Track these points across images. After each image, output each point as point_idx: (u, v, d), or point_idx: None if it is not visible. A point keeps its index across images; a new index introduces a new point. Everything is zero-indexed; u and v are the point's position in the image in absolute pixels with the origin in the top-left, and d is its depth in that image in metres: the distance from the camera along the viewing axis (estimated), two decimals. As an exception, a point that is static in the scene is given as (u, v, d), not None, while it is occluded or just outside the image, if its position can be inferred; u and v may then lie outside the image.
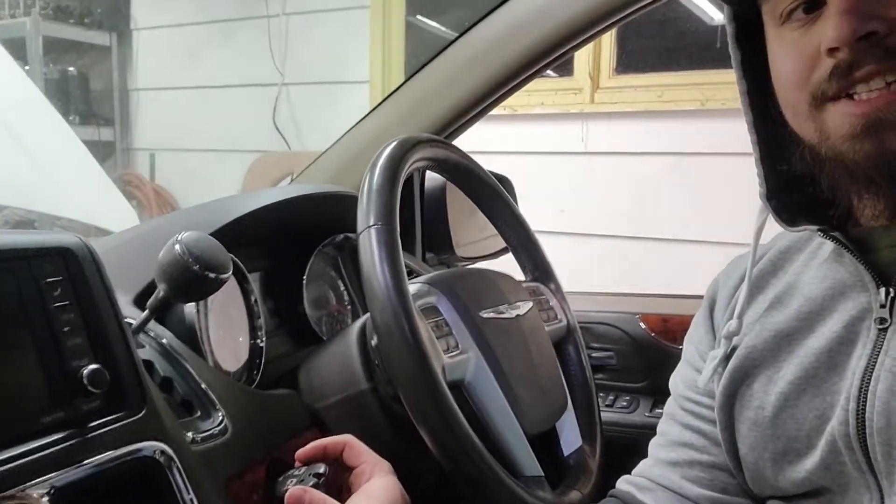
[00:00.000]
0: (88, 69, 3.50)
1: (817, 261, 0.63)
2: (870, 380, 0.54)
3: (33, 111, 2.14)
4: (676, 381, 0.75)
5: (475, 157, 0.89)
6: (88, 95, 3.46)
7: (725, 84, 2.29)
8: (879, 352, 0.54)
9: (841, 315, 0.58)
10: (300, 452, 0.66)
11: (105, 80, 3.49)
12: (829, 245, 0.61)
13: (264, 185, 2.99)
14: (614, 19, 1.03)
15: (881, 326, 0.55)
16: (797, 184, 0.61)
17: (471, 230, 1.25)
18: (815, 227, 0.61)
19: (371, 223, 0.65)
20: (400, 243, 0.66)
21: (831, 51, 0.51)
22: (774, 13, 0.56)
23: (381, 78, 2.96)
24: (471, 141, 1.19)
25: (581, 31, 1.04)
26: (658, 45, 2.53)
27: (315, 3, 3.07)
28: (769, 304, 0.65)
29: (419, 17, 3.00)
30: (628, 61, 2.55)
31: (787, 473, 0.60)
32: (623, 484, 0.74)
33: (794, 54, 0.55)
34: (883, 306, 0.55)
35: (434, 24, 3.02)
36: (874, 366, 0.54)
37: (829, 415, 0.56)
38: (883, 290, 0.55)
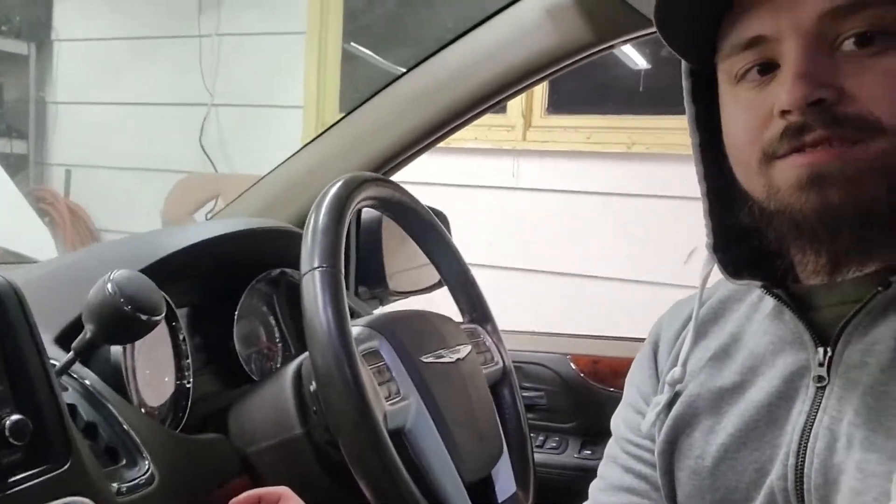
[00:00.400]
0: (3, 78, 3.33)
1: (760, 314, 0.64)
2: (809, 436, 0.55)
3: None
4: (618, 423, 0.75)
5: (409, 187, 0.89)
6: (1, 106, 3.28)
7: (649, 129, 2.39)
8: (818, 409, 0.55)
9: (781, 371, 0.59)
10: (233, 502, 0.63)
11: (21, 90, 3.33)
12: (769, 300, 0.62)
13: (187, 207, 2.90)
14: (552, 70, 1.06)
15: (819, 385, 0.56)
16: (742, 238, 0.62)
17: (404, 262, 1.25)
18: (758, 283, 0.62)
19: (315, 265, 0.64)
20: (344, 286, 0.65)
21: (783, 113, 0.52)
22: (730, 72, 0.58)
23: (315, 103, 2.94)
24: (404, 171, 1.20)
25: (520, 80, 1.07)
26: (587, 88, 2.62)
27: (250, 26, 3.03)
28: (713, 354, 0.66)
29: (354, 44, 3.01)
30: (559, 102, 2.63)
31: None
32: None
33: (747, 113, 0.56)
34: (821, 365, 0.56)
35: (369, 52, 3.03)
36: (813, 422, 0.55)
37: (769, 468, 0.58)
38: (821, 349, 0.57)
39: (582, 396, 1.17)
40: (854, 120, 0.51)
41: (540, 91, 2.60)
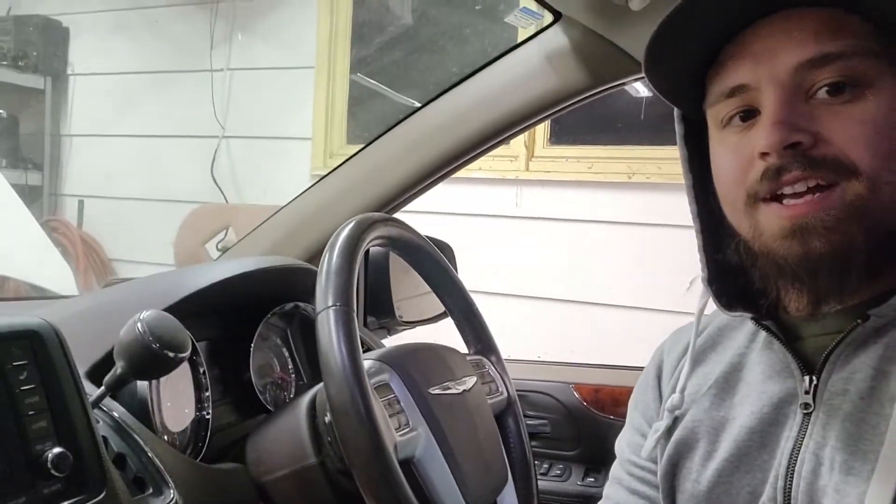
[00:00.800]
0: (19, 111, 3.42)
1: (756, 344, 0.68)
2: (796, 460, 0.59)
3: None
4: (622, 445, 0.79)
5: (412, 216, 0.93)
6: (18, 138, 3.36)
7: (650, 159, 2.44)
8: (805, 435, 0.59)
9: (771, 398, 0.63)
10: None
11: (37, 123, 3.41)
12: (763, 332, 0.66)
13: (199, 238, 2.95)
14: (551, 111, 1.11)
15: (806, 411, 0.60)
16: (734, 272, 0.66)
17: (409, 290, 1.29)
18: (749, 315, 0.66)
19: (330, 304, 0.68)
20: (356, 323, 0.69)
21: (762, 155, 0.57)
22: (717, 117, 0.63)
23: (323, 135, 3.00)
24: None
25: (521, 121, 1.12)
26: (589, 118, 2.67)
27: (260, 61, 3.11)
28: (716, 382, 0.69)
29: (360, 75, 3.07)
30: (561, 133, 2.68)
31: None
32: None
33: (732, 156, 0.61)
34: (807, 392, 0.60)
35: (377, 83, 3.10)
36: (800, 447, 0.59)
37: (761, 490, 0.61)
38: (808, 377, 0.60)
39: (584, 424, 1.21)
40: (830, 162, 0.55)
41: (543, 123, 2.65)
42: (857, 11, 0.57)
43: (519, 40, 1.10)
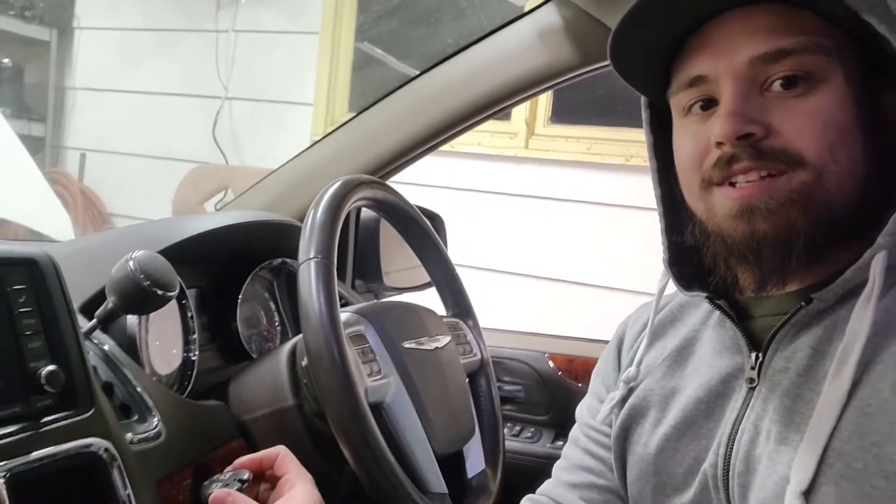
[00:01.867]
0: (24, 62, 3.43)
1: (711, 322, 0.72)
2: (737, 431, 0.63)
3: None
4: (582, 410, 0.84)
5: (410, 188, 0.96)
6: (22, 88, 3.38)
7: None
8: (747, 407, 0.63)
9: (720, 371, 0.67)
10: (238, 461, 0.71)
11: (41, 75, 3.42)
12: (717, 311, 0.70)
13: (197, 197, 2.99)
14: (554, 82, 1.14)
15: (750, 385, 0.64)
16: (690, 254, 0.70)
17: (400, 262, 1.33)
18: (705, 294, 0.70)
19: (311, 256, 0.72)
20: (336, 276, 0.73)
21: (718, 144, 0.60)
22: (679, 106, 0.66)
23: (325, 102, 3.02)
24: (407, 171, 1.28)
25: (522, 90, 1.15)
26: (590, 99, 2.69)
27: (265, 24, 3.12)
28: (669, 355, 0.73)
29: (367, 43, 3.08)
30: (562, 112, 2.69)
31: None
32: (527, 502, 0.82)
33: (691, 142, 0.64)
34: (753, 368, 0.64)
35: (380, 51, 3.11)
36: (742, 419, 0.63)
37: (703, 456, 0.65)
38: (754, 354, 0.64)
39: (557, 392, 1.26)
40: (778, 153, 0.59)
41: (544, 100, 2.67)
42: (809, 8, 0.60)
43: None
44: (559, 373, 1.27)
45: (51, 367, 0.55)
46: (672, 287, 0.75)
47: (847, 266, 0.59)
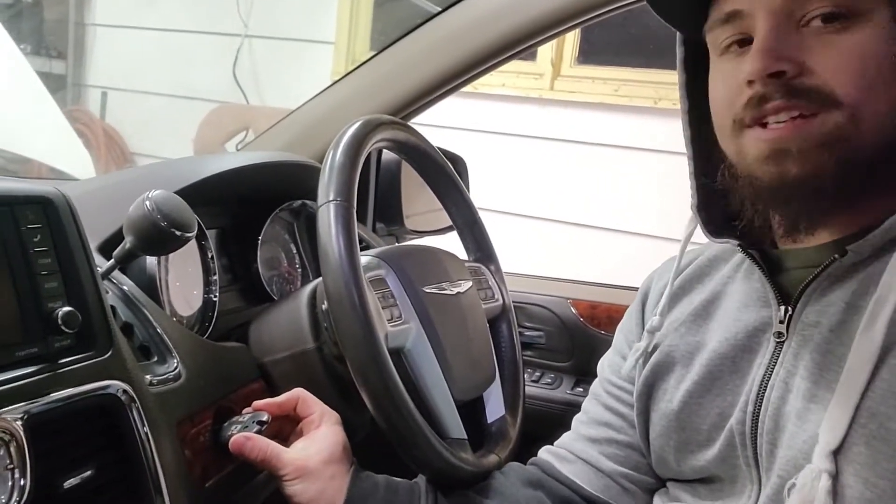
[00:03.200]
0: (43, -2, 3.39)
1: (740, 273, 0.70)
2: (766, 387, 0.61)
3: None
4: (604, 365, 0.83)
5: (433, 130, 0.93)
6: (42, 25, 3.35)
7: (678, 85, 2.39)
8: (776, 363, 0.62)
9: (746, 325, 0.65)
10: (257, 404, 0.71)
11: (61, 11, 3.38)
12: (748, 261, 0.68)
13: (219, 136, 2.97)
14: (583, 18, 1.08)
15: (779, 340, 0.62)
16: (720, 199, 0.67)
17: (421, 205, 1.31)
18: (736, 242, 0.68)
19: (331, 198, 0.70)
20: (355, 218, 0.71)
21: (749, 83, 0.58)
22: (715, 43, 0.63)
23: (346, 41, 2.96)
24: (429, 113, 1.24)
25: (550, 27, 1.10)
26: (619, 39, 2.60)
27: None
28: (694, 310, 0.71)
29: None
30: (590, 53, 2.61)
31: (688, 461, 0.68)
32: (545, 454, 0.82)
33: (725, 82, 0.62)
34: (781, 322, 0.62)
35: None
36: (771, 374, 0.62)
37: (729, 413, 0.64)
38: (783, 307, 0.62)
39: (579, 338, 1.25)
40: (811, 92, 0.56)
41: (571, 40, 2.59)
42: None
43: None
44: (581, 319, 1.25)
45: (67, 308, 0.54)
46: (701, 237, 0.72)
47: (884, 215, 0.57)
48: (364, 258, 0.79)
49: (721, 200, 0.67)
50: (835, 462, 0.54)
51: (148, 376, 0.65)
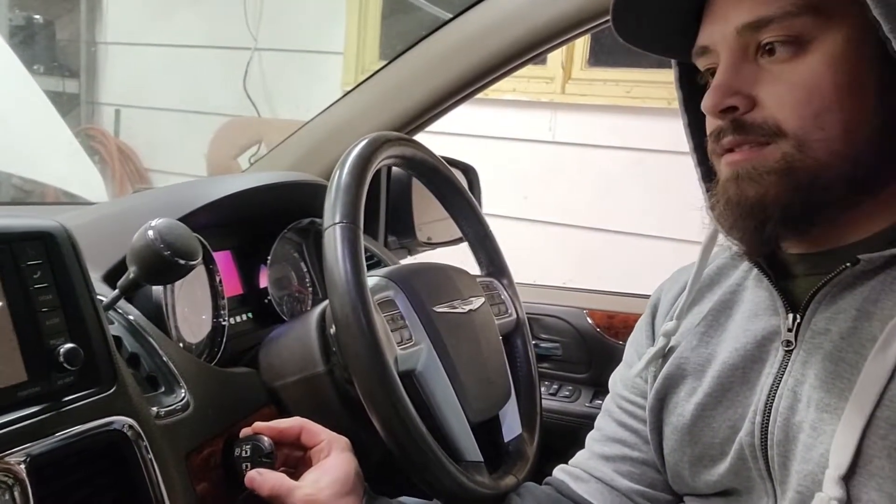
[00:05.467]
0: (56, 17, 3.42)
1: (749, 282, 0.69)
2: (774, 397, 0.60)
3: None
4: (615, 380, 0.81)
5: (443, 138, 0.92)
6: (54, 45, 3.38)
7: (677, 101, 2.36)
8: (784, 372, 0.60)
9: (755, 335, 0.64)
10: (257, 425, 0.71)
11: (72, 30, 3.41)
12: (755, 268, 0.66)
13: (231, 150, 2.98)
14: (593, 24, 1.07)
15: (787, 348, 0.61)
16: None
17: (433, 216, 1.30)
18: (744, 248, 0.66)
19: (337, 220, 0.69)
20: (362, 240, 0.70)
21: (708, 116, 0.61)
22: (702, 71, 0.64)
23: (355, 50, 2.96)
24: (440, 121, 1.23)
25: (560, 33, 1.08)
26: (630, 40, 2.57)
27: (293, -29, 3.05)
28: (703, 319, 0.70)
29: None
30: (600, 54, 2.59)
31: (702, 476, 0.67)
32: (559, 473, 0.80)
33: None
34: (790, 330, 0.61)
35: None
36: (779, 384, 0.60)
37: (740, 425, 0.63)
38: (791, 315, 0.61)
39: (596, 349, 1.22)
40: (759, 126, 0.57)
41: (582, 43, 2.57)
42: None
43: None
44: (598, 329, 1.23)
45: (70, 345, 0.53)
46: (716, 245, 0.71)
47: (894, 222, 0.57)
48: (372, 279, 0.77)
49: None
50: (846, 488, 0.53)
51: (155, 408, 0.64)
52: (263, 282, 0.99)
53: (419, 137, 1.23)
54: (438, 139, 0.97)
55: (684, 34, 0.64)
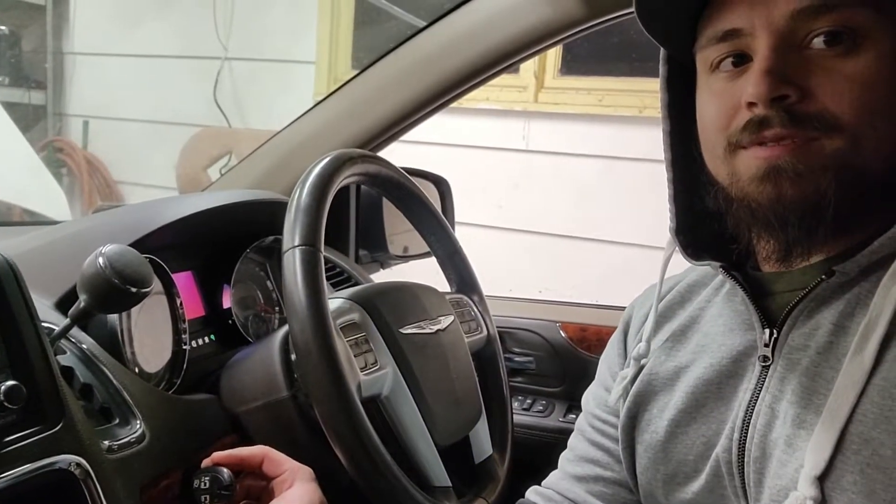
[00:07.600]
0: (21, 28, 3.36)
1: (719, 297, 0.67)
2: (752, 413, 0.59)
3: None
4: (588, 398, 0.80)
5: (416, 147, 0.90)
6: (20, 56, 3.31)
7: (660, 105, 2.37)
8: (762, 388, 0.59)
9: (730, 350, 0.63)
10: (216, 455, 0.68)
11: (39, 40, 3.35)
12: (729, 284, 0.65)
13: (201, 162, 2.94)
14: (565, 34, 1.06)
15: (764, 364, 0.60)
16: (705, 222, 0.65)
17: (405, 229, 1.28)
18: (718, 264, 0.65)
19: (296, 243, 0.67)
20: (322, 263, 0.68)
21: (749, 105, 0.55)
22: (706, 61, 0.60)
23: (327, 59, 2.93)
24: (413, 130, 1.21)
25: (531, 45, 1.07)
26: (602, 49, 2.58)
27: (263, -21, 3.02)
28: (672, 335, 0.69)
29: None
30: (573, 63, 2.59)
31: (676, 494, 0.65)
32: (532, 495, 0.78)
33: (718, 101, 0.59)
34: (767, 345, 0.60)
35: (385, 1, 2.99)
36: (756, 400, 0.59)
37: (715, 441, 0.61)
38: (767, 331, 0.60)
39: (570, 362, 1.21)
40: (813, 119, 0.53)
41: (554, 52, 2.57)
42: None
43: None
44: (571, 343, 1.22)
45: (11, 382, 0.51)
46: (683, 263, 0.70)
47: (873, 235, 0.55)
48: (335, 302, 0.75)
49: (711, 221, 0.64)
50: (820, 488, 0.51)
51: (107, 441, 0.61)
52: (227, 302, 0.96)
53: (392, 147, 1.21)
54: (411, 148, 0.95)
55: (682, 25, 0.61)
